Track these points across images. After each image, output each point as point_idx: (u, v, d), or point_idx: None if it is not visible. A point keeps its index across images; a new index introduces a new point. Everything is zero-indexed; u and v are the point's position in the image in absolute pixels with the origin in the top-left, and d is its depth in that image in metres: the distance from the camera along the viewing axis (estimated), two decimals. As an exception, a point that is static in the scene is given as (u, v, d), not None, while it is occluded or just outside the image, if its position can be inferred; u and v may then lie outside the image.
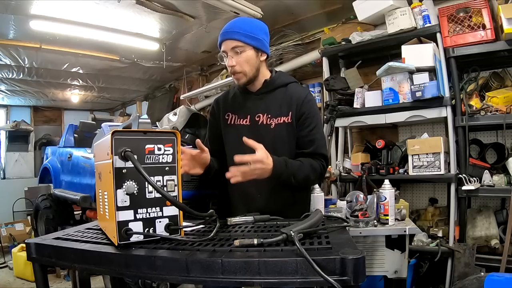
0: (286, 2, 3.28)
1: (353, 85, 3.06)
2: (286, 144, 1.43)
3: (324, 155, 1.45)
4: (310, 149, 1.42)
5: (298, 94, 1.46)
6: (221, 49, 1.41)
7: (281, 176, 1.29)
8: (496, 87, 2.56)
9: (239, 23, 1.40)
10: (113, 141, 0.88)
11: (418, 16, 2.60)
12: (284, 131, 1.43)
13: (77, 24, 3.50)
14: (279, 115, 1.43)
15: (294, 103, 1.43)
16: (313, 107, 1.46)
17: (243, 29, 1.37)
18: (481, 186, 2.39)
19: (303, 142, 1.43)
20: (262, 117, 1.45)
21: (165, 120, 4.50)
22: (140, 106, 7.03)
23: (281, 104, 1.45)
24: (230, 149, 1.49)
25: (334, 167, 2.89)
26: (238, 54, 1.37)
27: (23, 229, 5.06)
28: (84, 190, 3.66)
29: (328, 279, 0.68)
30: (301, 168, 1.36)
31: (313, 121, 1.44)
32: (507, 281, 1.61)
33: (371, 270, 1.78)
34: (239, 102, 1.51)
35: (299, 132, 1.43)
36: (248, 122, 1.47)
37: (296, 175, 1.34)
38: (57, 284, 3.65)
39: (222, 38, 1.39)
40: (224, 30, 1.39)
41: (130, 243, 0.90)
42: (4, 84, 5.27)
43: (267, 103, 1.46)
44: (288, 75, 1.58)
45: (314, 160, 1.41)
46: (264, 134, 1.42)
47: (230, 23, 1.41)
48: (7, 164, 6.62)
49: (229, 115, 1.52)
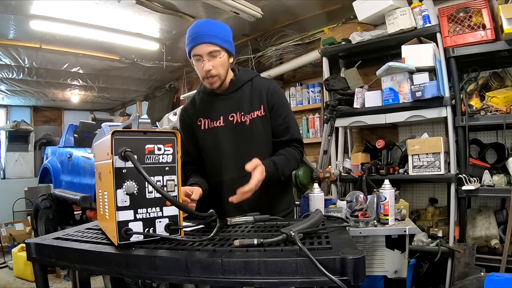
0: (286, 2, 3.28)
1: (353, 85, 3.06)
2: (263, 136, 1.48)
3: (300, 140, 1.53)
4: (287, 137, 1.48)
5: (265, 86, 1.49)
6: (194, 53, 1.37)
7: (273, 177, 1.35)
8: (496, 87, 2.56)
9: (212, 26, 1.37)
10: (113, 141, 0.88)
11: (418, 16, 2.60)
12: (260, 125, 1.46)
13: (77, 24, 3.50)
14: (252, 110, 1.46)
15: (263, 95, 1.47)
16: (281, 96, 1.54)
17: (219, 33, 1.36)
18: (481, 186, 2.38)
19: (279, 130, 1.49)
20: (235, 115, 1.46)
21: (165, 120, 4.50)
22: (140, 106, 7.03)
23: (251, 99, 1.47)
24: (208, 153, 1.52)
25: (334, 167, 2.89)
26: (214, 58, 1.36)
27: (23, 229, 5.05)
28: (84, 190, 3.66)
29: (332, 278, 0.68)
30: (287, 163, 1.43)
31: (285, 109, 1.50)
32: (507, 281, 1.61)
33: (371, 270, 1.78)
34: (209, 106, 1.50)
35: (274, 122, 1.48)
36: (222, 123, 1.47)
37: (285, 172, 1.43)
38: (57, 284, 3.65)
39: (196, 42, 1.35)
40: (198, 34, 1.35)
41: (130, 243, 0.90)
42: (4, 84, 5.26)
43: (237, 101, 1.47)
44: (250, 70, 1.59)
45: (292, 148, 1.48)
46: (241, 132, 1.45)
47: (200, 26, 1.37)
48: (7, 164, 6.62)
49: (201, 121, 1.51)
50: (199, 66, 1.38)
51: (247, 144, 1.45)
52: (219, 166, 1.48)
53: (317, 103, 3.76)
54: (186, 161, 1.48)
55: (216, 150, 1.48)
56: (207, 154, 1.52)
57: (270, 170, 1.33)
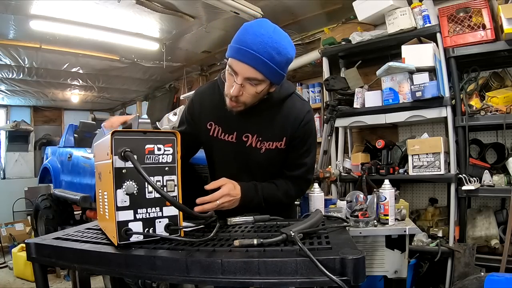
0: (286, 2, 3.28)
1: (353, 85, 3.06)
2: (277, 167, 1.32)
3: (307, 180, 1.35)
4: (296, 173, 1.30)
5: (296, 114, 1.25)
6: (231, 64, 1.11)
7: (252, 202, 1.23)
8: (496, 87, 2.56)
9: (271, 46, 1.05)
10: (113, 141, 0.88)
11: (418, 16, 2.60)
12: (275, 157, 1.29)
13: (77, 24, 3.50)
14: (271, 139, 1.26)
15: (289, 125, 1.25)
16: (310, 129, 1.29)
17: (274, 59, 1.06)
18: (481, 186, 2.39)
19: (290, 164, 1.31)
20: (251, 138, 1.27)
21: (165, 120, 4.49)
22: (140, 106, 7.03)
23: (274, 126, 1.25)
24: (216, 164, 1.37)
25: (334, 167, 2.89)
26: (250, 85, 1.11)
27: (23, 229, 5.05)
28: (84, 190, 3.66)
29: (333, 278, 0.68)
30: (274, 193, 1.27)
31: (306, 144, 1.29)
32: (507, 281, 1.61)
33: (371, 270, 1.78)
34: (225, 113, 1.22)
35: (289, 153, 1.29)
36: (234, 139, 1.28)
37: (268, 200, 1.26)
38: (57, 284, 3.65)
39: (240, 58, 1.07)
40: (248, 49, 1.05)
41: (130, 243, 0.90)
42: (4, 84, 5.27)
43: (258, 123, 1.25)
44: (287, 85, 1.29)
45: (294, 184, 1.31)
46: (252, 157, 1.28)
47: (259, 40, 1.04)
48: (7, 164, 6.63)
49: (212, 125, 1.30)
50: (229, 81, 1.13)
51: (255, 171, 1.30)
52: (219, 174, 1.30)
53: (317, 103, 3.77)
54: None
55: (220, 163, 1.36)
56: (214, 162, 1.39)
57: (247, 193, 1.20)
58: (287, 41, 1.10)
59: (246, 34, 1.07)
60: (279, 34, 1.09)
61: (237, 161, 1.31)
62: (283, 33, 1.11)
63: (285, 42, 1.09)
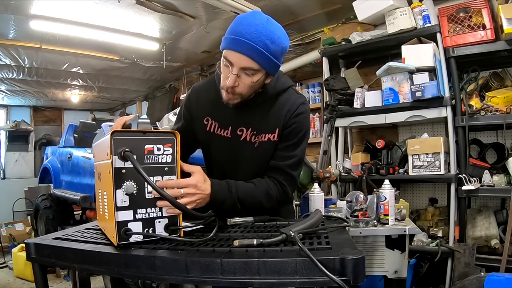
0: (286, 2, 3.28)
1: (353, 85, 3.06)
2: (268, 162, 1.27)
3: (292, 177, 1.25)
4: (280, 164, 1.23)
5: (290, 105, 1.23)
6: (225, 55, 1.09)
7: (225, 202, 1.13)
8: (496, 87, 2.56)
9: (265, 35, 1.05)
10: (113, 141, 0.88)
11: (418, 16, 2.60)
12: (268, 150, 1.24)
13: (77, 24, 3.50)
14: (264, 131, 1.23)
15: (282, 116, 1.22)
16: (302, 121, 1.24)
17: (269, 47, 1.06)
18: (481, 186, 2.39)
19: (277, 155, 1.25)
20: (245, 132, 1.25)
21: (165, 120, 4.50)
22: (140, 106, 7.03)
23: (268, 117, 1.23)
24: (213, 162, 1.34)
25: (334, 167, 2.89)
26: (246, 76, 1.10)
27: (23, 229, 5.05)
28: (84, 190, 3.66)
29: (333, 278, 0.68)
30: (252, 194, 1.18)
31: (297, 137, 1.24)
32: (507, 281, 1.61)
33: (371, 270, 1.78)
34: (221, 108, 1.23)
35: (278, 144, 1.24)
36: (229, 134, 1.26)
37: (245, 202, 1.17)
38: (57, 284, 3.65)
39: (234, 47, 1.06)
40: (242, 38, 1.04)
41: (129, 243, 0.90)
42: (4, 84, 5.27)
43: (252, 116, 1.24)
44: (284, 80, 1.28)
45: (275, 183, 1.22)
46: (245, 152, 1.26)
47: (251, 28, 1.04)
48: (7, 164, 6.63)
49: (209, 120, 1.28)
50: (225, 73, 1.11)
51: (248, 166, 1.27)
52: (216, 172, 1.31)
53: (317, 103, 3.77)
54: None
55: (216, 160, 1.33)
56: (206, 156, 1.37)
57: (218, 191, 1.10)
58: (280, 31, 1.11)
59: (240, 25, 1.07)
60: (273, 24, 1.09)
61: (233, 156, 1.28)
62: (276, 23, 1.11)
63: (279, 32, 1.10)
